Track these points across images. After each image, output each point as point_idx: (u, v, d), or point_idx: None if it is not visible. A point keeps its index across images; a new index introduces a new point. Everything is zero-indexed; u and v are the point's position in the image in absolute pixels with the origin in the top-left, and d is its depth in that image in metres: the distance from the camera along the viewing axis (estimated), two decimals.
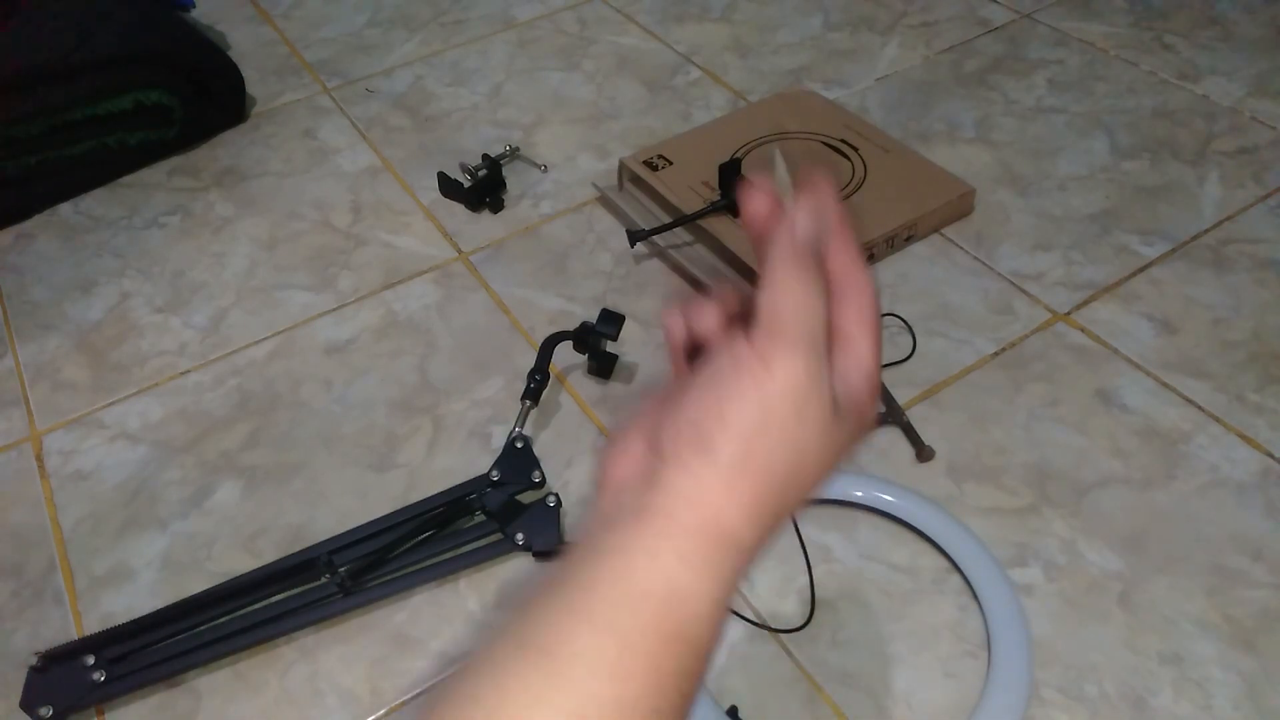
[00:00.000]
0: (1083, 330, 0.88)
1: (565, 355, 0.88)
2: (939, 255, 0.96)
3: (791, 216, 0.31)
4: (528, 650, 0.27)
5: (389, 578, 0.73)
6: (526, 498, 0.76)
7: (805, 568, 0.72)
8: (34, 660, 0.67)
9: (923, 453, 0.78)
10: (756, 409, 0.29)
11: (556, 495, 0.75)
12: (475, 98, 1.22)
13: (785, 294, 0.30)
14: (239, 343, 0.93)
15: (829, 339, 0.31)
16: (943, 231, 0.98)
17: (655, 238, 0.96)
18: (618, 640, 0.27)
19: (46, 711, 0.65)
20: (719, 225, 0.94)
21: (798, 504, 0.30)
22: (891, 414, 0.80)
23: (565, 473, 0.79)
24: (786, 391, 0.29)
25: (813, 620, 0.69)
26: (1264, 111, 1.09)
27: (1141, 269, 0.93)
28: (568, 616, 0.28)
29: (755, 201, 0.32)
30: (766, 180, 0.33)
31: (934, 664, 0.67)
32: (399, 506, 0.77)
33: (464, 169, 1.07)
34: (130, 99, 1.08)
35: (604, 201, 1.05)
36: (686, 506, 0.29)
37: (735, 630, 0.69)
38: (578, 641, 0.27)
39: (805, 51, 1.25)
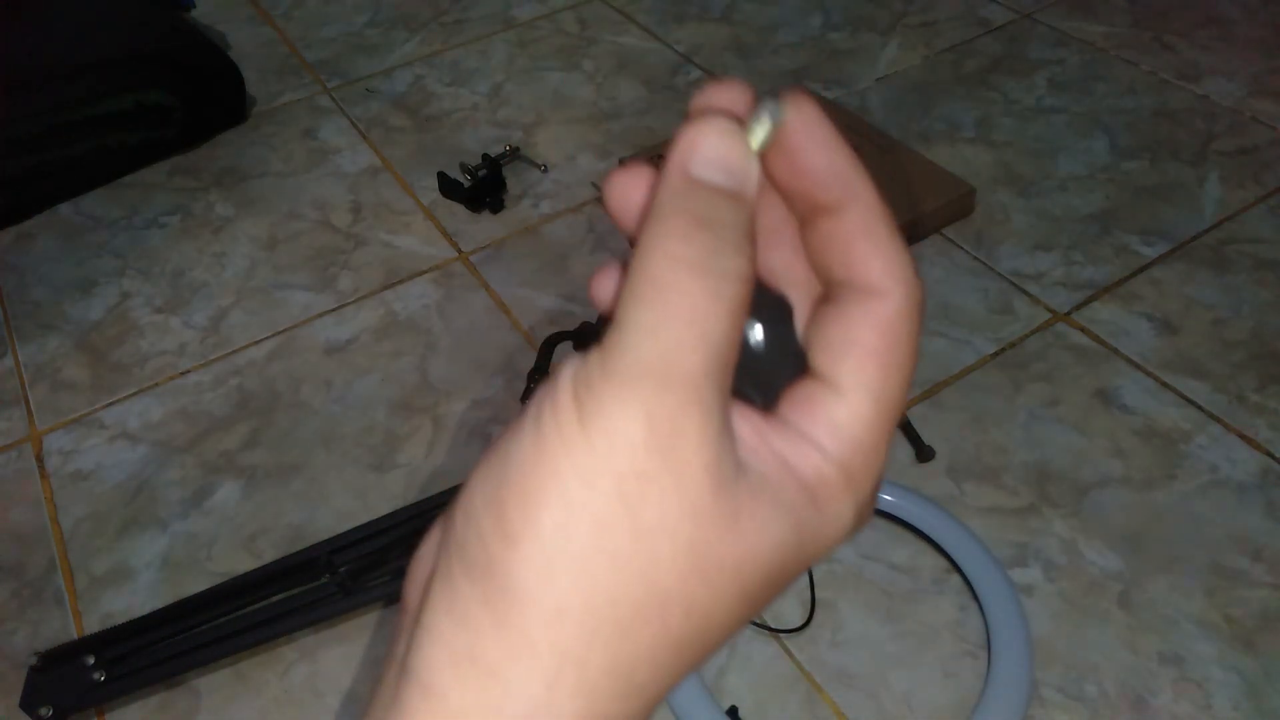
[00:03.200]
0: (1083, 330, 0.88)
1: (565, 355, 0.88)
2: (939, 255, 0.96)
3: (688, 135, 0.18)
4: None
5: (389, 578, 0.73)
6: None
7: None
8: (34, 660, 0.67)
9: (923, 453, 0.78)
10: (558, 506, 0.16)
11: None
12: (475, 98, 1.21)
13: (638, 287, 0.17)
14: (239, 343, 0.93)
15: (799, 380, 0.19)
16: (943, 231, 0.98)
17: None
18: None
19: (47, 711, 0.65)
20: None
21: (686, 666, 0.17)
22: None
23: None
24: (608, 470, 0.16)
25: (813, 620, 0.69)
26: (1264, 111, 1.09)
27: (1141, 269, 0.93)
28: None
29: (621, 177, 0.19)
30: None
31: (934, 664, 0.66)
32: (399, 506, 0.77)
33: (464, 169, 1.07)
34: (130, 99, 1.08)
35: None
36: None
37: None
38: None
39: (805, 51, 1.25)
